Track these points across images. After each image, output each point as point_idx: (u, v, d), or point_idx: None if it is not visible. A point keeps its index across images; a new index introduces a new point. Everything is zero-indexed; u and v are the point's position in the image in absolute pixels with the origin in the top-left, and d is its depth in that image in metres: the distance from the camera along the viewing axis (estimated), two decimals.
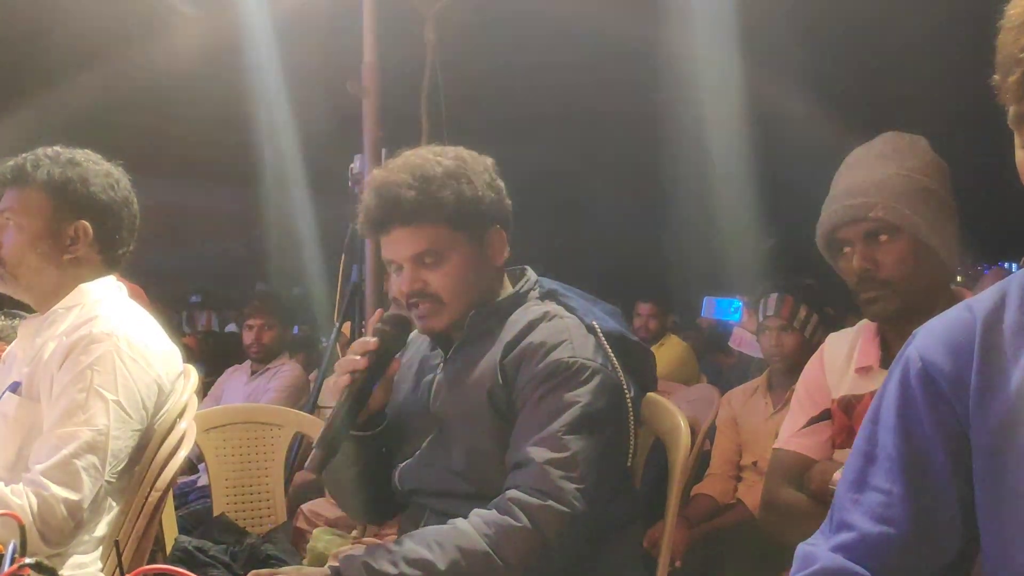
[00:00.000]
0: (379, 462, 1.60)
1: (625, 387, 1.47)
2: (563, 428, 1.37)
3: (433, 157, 1.51)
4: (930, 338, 0.93)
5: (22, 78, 5.47)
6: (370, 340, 1.48)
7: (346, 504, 1.71)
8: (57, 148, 1.73)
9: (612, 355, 1.47)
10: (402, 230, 1.47)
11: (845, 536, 0.93)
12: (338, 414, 1.43)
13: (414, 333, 1.69)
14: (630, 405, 1.48)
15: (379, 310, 1.55)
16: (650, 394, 1.68)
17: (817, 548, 0.95)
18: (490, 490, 1.43)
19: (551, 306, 1.54)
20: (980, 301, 0.91)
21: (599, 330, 1.49)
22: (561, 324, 1.48)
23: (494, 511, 1.35)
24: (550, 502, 1.32)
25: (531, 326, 1.48)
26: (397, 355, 1.55)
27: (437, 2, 3.88)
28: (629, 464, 1.53)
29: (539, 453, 1.36)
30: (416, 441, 1.57)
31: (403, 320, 1.52)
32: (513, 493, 1.35)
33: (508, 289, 1.59)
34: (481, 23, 4.54)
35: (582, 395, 1.39)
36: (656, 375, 1.66)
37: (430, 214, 1.46)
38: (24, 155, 1.71)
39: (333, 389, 1.53)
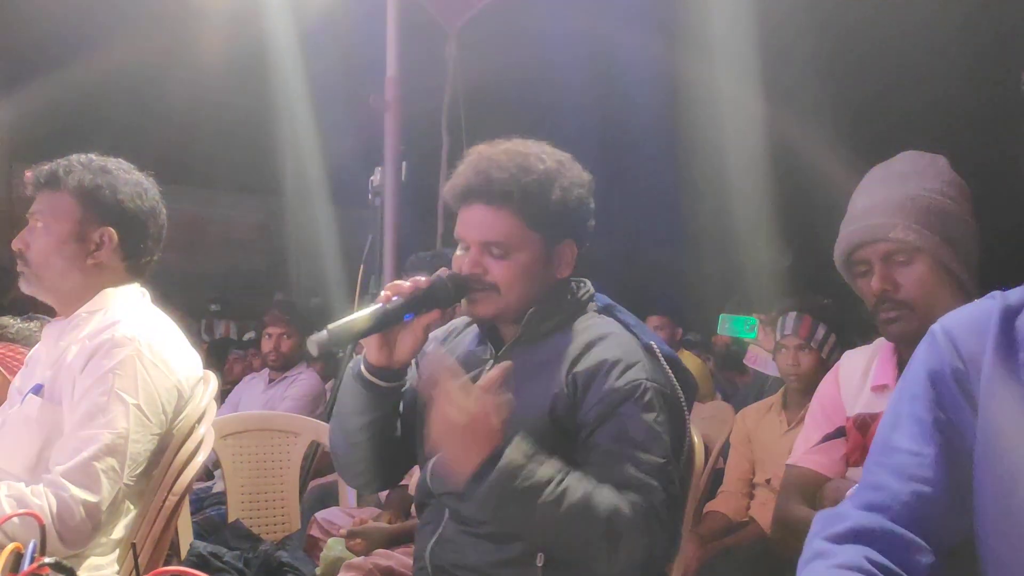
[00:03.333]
0: (389, 420, 1.57)
1: (684, 409, 1.47)
2: (652, 445, 1.38)
3: (538, 152, 1.50)
4: (955, 317, 0.93)
5: (54, 87, 5.57)
6: (423, 279, 1.47)
7: (347, 462, 1.63)
8: (91, 156, 1.77)
9: (673, 378, 1.47)
10: (483, 208, 1.47)
11: (874, 495, 0.90)
12: (362, 315, 1.41)
13: (459, 321, 1.69)
14: (686, 429, 1.49)
15: (443, 269, 1.51)
16: None
17: (842, 507, 0.92)
18: None
19: (613, 322, 1.53)
20: (1009, 293, 0.91)
21: (658, 351, 1.48)
22: (628, 342, 1.47)
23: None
24: (655, 500, 1.35)
25: (599, 339, 1.47)
26: (435, 313, 1.49)
27: (460, 19, 3.92)
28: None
29: (643, 486, 1.36)
30: None
31: (463, 283, 1.49)
32: (641, 497, 1.36)
33: (567, 297, 1.57)
34: (503, 40, 4.57)
35: (662, 421, 1.41)
36: (693, 402, 1.61)
37: (513, 202, 1.45)
38: (58, 160, 1.75)
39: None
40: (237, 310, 8.43)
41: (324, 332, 1.39)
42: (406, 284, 1.46)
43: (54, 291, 1.75)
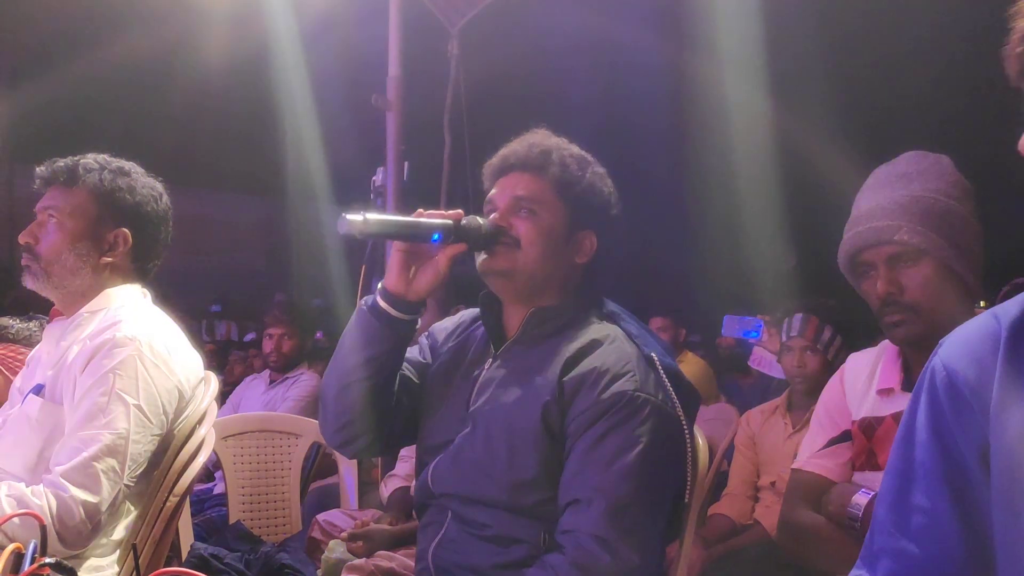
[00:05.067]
0: (391, 362, 1.54)
1: (684, 424, 1.45)
2: (624, 471, 1.36)
3: (572, 144, 1.58)
4: (954, 347, 0.90)
5: (56, 88, 5.57)
6: (455, 212, 1.49)
7: (336, 409, 1.59)
8: (105, 156, 1.78)
9: (672, 390, 1.44)
10: (519, 175, 1.53)
11: (895, 565, 0.88)
12: (397, 215, 1.47)
13: (467, 315, 1.69)
14: (688, 443, 1.46)
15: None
16: None
17: None
18: (520, 499, 1.43)
19: (613, 328, 1.51)
20: (1006, 309, 0.87)
21: (658, 363, 1.45)
22: (623, 351, 1.45)
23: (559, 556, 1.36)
24: (604, 553, 1.33)
25: (593, 345, 1.46)
26: (461, 245, 1.49)
27: (462, 18, 3.90)
28: (686, 501, 1.51)
29: (598, 497, 1.35)
30: (447, 431, 1.54)
31: (492, 229, 1.50)
32: (572, 539, 1.35)
33: (571, 299, 1.56)
34: (505, 39, 4.57)
35: (643, 435, 1.38)
36: (695, 416, 1.59)
37: (549, 172, 1.52)
38: (73, 158, 1.75)
39: (392, 262, 1.51)
40: (238, 311, 8.44)
41: (360, 215, 1.39)
42: (438, 218, 1.48)
43: (61, 288, 1.75)
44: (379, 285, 1.53)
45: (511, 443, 1.44)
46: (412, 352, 1.69)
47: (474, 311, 1.67)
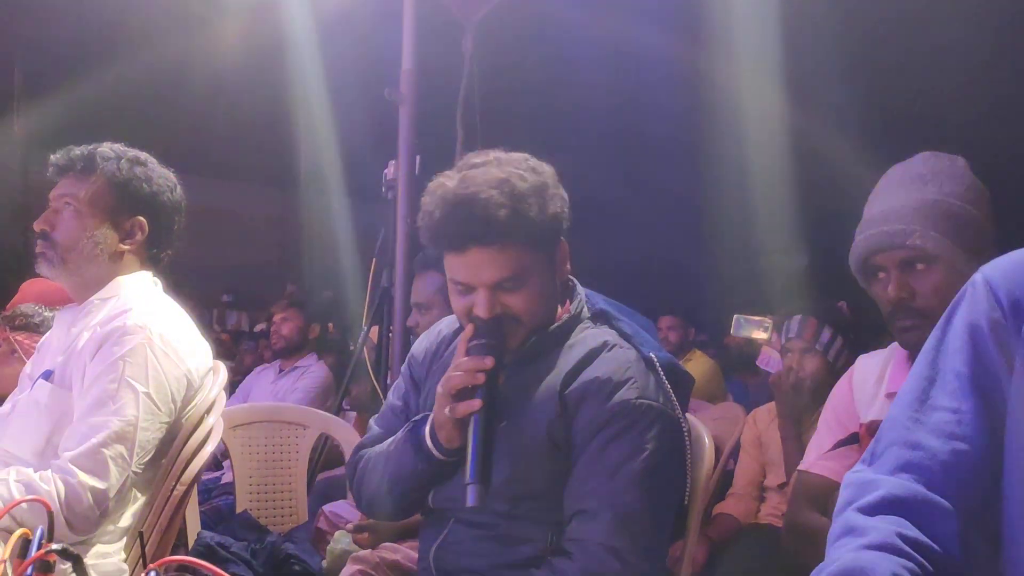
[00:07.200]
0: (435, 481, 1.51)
1: (684, 426, 1.44)
2: (630, 479, 1.35)
3: (515, 171, 1.39)
4: (998, 268, 0.90)
5: (71, 80, 5.60)
6: (485, 360, 1.34)
7: (382, 504, 1.56)
8: (120, 145, 1.79)
9: (672, 392, 1.43)
10: (484, 251, 1.37)
11: (912, 454, 0.86)
12: (479, 440, 1.30)
13: (445, 328, 1.65)
14: (688, 444, 1.45)
15: (471, 325, 1.41)
16: None
17: (874, 473, 0.87)
18: (525, 509, 1.42)
19: (608, 333, 1.49)
20: None
21: (658, 365, 1.44)
22: (623, 357, 1.44)
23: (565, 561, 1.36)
24: (614, 561, 1.33)
25: (591, 356, 1.44)
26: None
27: (477, 13, 3.89)
28: (686, 503, 1.51)
29: (605, 506, 1.35)
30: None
31: (500, 327, 1.40)
32: (581, 548, 1.35)
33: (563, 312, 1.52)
34: (521, 36, 4.56)
35: (648, 441, 1.37)
36: (689, 399, 1.57)
37: (518, 235, 1.37)
38: (89, 146, 1.77)
39: (446, 419, 1.38)
40: (249, 301, 8.48)
41: (479, 486, 1.28)
42: (479, 374, 1.34)
43: (76, 275, 1.76)
44: (431, 443, 1.43)
45: (515, 462, 1.42)
46: (407, 396, 1.65)
47: (452, 322, 1.63)
